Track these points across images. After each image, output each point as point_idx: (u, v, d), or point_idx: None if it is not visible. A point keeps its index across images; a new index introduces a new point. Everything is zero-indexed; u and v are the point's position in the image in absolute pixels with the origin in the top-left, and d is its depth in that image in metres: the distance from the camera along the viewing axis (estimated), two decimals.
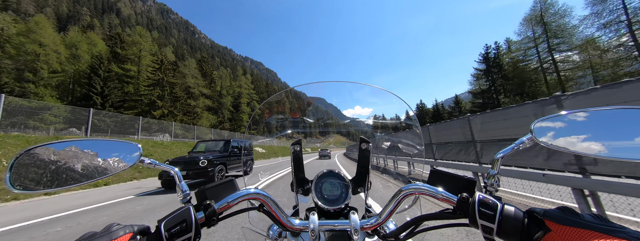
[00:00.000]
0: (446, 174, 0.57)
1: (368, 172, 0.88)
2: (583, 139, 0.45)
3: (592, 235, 0.33)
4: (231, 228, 3.66)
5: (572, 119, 0.48)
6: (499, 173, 0.52)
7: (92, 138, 0.53)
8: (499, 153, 0.52)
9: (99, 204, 6.01)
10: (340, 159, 19.93)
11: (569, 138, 0.47)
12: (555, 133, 0.49)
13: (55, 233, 3.81)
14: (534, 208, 0.42)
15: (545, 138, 0.49)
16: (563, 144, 0.47)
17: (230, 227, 3.67)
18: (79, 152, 0.51)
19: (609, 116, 0.43)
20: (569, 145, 0.46)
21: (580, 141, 0.45)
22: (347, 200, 0.76)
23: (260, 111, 1.16)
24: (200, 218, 0.50)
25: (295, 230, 0.62)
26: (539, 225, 0.40)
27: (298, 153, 0.91)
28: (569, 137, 0.47)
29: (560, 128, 0.49)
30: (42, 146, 0.48)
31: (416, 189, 0.55)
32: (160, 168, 0.58)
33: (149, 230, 0.45)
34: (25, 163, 0.46)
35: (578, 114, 0.47)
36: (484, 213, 0.43)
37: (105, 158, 0.54)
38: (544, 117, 0.51)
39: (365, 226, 0.60)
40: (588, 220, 0.36)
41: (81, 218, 4.69)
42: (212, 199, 0.55)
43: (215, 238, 3.33)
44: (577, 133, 0.46)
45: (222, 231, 3.51)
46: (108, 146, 0.56)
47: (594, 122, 0.45)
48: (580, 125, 0.46)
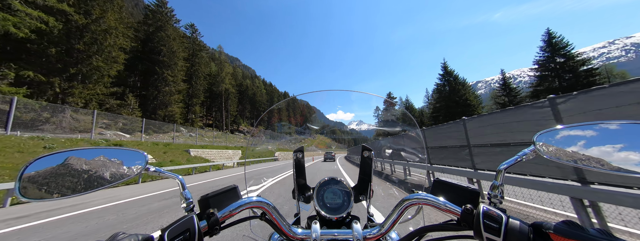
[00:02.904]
0: (449, 184, 0.58)
1: (370, 180, 0.87)
2: (586, 153, 0.45)
3: None
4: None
5: (575, 132, 0.48)
6: (503, 185, 0.52)
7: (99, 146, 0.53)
8: (502, 164, 0.52)
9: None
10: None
11: (572, 151, 0.47)
12: (558, 145, 0.49)
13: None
14: (540, 222, 0.42)
15: (548, 151, 0.49)
16: (566, 157, 0.47)
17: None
18: (86, 161, 0.51)
19: (613, 129, 0.43)
20: (571, 158, 0.47)
21: (583, 154, 0.45)
22: (349, 208, 0.76)
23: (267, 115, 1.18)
24: (203, 227, 0.50)
25: (297, 239, 0.62)
26: (544, 239, 0.40)
27: (300, 160, 0.91)
28: (572, 150, 0.47)
29: (564, 140, 0.49)
30: (50, 156, 0.48)
31: (419, 199, 0.55)
32: (164, 175, 0.59)
33: (152, 239, 0.45)
34: (35, 172, 0.46)
35: (582, 127, 0.47)
36: (489, 225, 0.43)
37: (111, 166, 0.55)
38: (547, 129, 0.52)
39: (367, 237, 0.60)
40: (593, 235, 0.36)
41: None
42: (215, 208, 0.55)
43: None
44: (581, 145, 0.46)
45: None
46: (114, 154, 0.56)
47: (598, 135, 0.45)
48: (583, 138, 0.46)
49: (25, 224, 4.47)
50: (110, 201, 6.41)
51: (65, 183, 0.47)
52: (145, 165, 0.57)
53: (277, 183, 9.03)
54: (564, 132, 0.49)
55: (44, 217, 4.88)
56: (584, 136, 0.47)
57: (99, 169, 0.52)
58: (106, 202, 6.30)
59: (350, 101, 1.18)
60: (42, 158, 0.47)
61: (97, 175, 0.52)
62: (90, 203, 6.21)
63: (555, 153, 0.49)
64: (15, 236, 3.83)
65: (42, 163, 0.47)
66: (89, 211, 5.40)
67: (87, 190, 0.50)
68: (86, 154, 0.52)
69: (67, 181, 0.48)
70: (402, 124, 1.21)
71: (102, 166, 0.53)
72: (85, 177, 0.50)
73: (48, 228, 4.18)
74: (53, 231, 4.00)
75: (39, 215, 5.10)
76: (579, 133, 0.47)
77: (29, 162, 0.46)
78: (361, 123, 22.19)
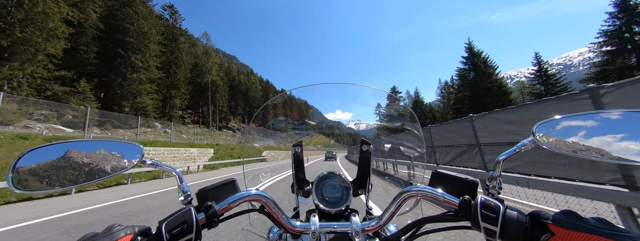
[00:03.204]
0: (448, 176, 0.57)
1: (369, 174, 0.87)
2: (586, 143, 0.44)
3: (596, 239, 0.33)
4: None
5: (575, 122, 0.47)
6: (501, 176, 0.52)
7: (94, 138, 0.53)
8: (501, 155, 0.52)
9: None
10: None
11: (572, 141, 0.46)
12: (558, 135, 0.48)
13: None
14: (538, 211, 0.42)
15: (548, 141, 0.49)
16: (566, 148, 0.47)
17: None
18: (81, 153, 0.51)
19: (614, 118, 0.43)
20: (571, 148, 0.46)
21: (583, 144, 0.45)
22: (347, 202, 0.76)
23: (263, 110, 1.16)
24: (201, 219, 0.50)
25: (296, 232, 0.62)
26: (542, 229, 0.40)
27: (299, 155, 0.91)
28: (572, 140, 0.46)
29: (563, 130, 0.48)
30: (45, 147, 0.48)
31: (417, 191, 0.55)
32: (161, 168, 0.59)
33: (149, 231, 0.45)
34: (28, 163, 0.46)
35: (582, 116, 0.47)
36: (487, 215, 0.43)
37: (106, 158, 0.54)
38: (547, 119, 0.51)
39: (366, 229, 0.60)
40: (592, 224, 0.36)
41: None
42: (213, 201, 0.55)
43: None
44: (581, 136, 0.45)
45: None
46: (110, 146, 0.56)
47: (598, 125, 0.44)
48: (584, 128, 0.46)
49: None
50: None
51: (60, 174, 0.47)
52: (142, 158, 0.56)
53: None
54: (563, 122, 0.49)
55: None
56: (584, 125, 0.46)
57: (93, 161, 0.52)
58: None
59: (349, 99, 1.13)
60: (35, 150, 0.47)
61: (92, 167, 0.51)
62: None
63: (555, 144, 0.48)
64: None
65: (34, 155, 0.46)
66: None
67: (83, 182, 0.49)
68: (81, 147, 0.52)
69: (62, 173, 0.47)
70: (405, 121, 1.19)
71: (96, 159, 0.53)
72: (81, 169, 0.50)
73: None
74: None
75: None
76: (579, 122, 0.47)
77: (21, 153, 0.45)
78: (360, 123, 20.69)
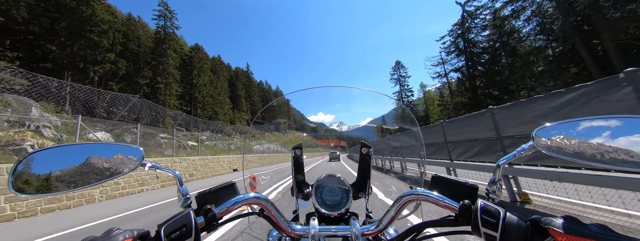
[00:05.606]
0: (448, 180, 0.57)
1: (369, 177, 0.87)
2: (587, 147, 0.44)
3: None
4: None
5: (576, 126, 0.47)
6: (501, 180, 0.52)
7: (95, 141, 0.53)
8: (500, 159, 0.51)
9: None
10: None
11: (572, 146, 0.46)
12: (558, 140, 0.48)
13: None
14: (538, 217, 0.42)
15: (548, 146, 0.49)
16: (565, 152, 0.47)
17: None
18: (81, 156, 0.51)
19: (615, 124, 0.42)
20: (572, 153, 0.46)
21: (583, 149, 0.45)
22: (347, 205, 0.76)
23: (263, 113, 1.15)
24: (200, 223, 0.50)
25: (295, 236, 0.62)
26: (542, 234, 0.40)
27: (298, 157, 0.91)
28: (572, 144, 0.46)
29: (565, 135, 0.48)
30: (45, 150, 0.48)
31: (417, 195, 0.55)
32: (161, 171, 0.58)
33: (148, 235, 0.45)
34: (29, 167, 0.46)
35: (583, 121, 0.46)
36: (487, 220, 0.43)
37: (107, 162, 0.54)
38: (547, 124, 0.51)
39: (366, 233, 0.60)
40: (593, 230, 0.35)
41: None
42: (212, 204, 0.55)
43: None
44: (581, 140, 0.45)
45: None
46: (110, 150, 0.56)
47: (599, 130, 0.44)
48: (584, 133, 0.45)
49: None
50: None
51: (61, 177, 0.47)
52: (142, 161, 0.57)
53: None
54: (564, 127, 0.49)
55: None
56: (585, 130, 0.46)
57: (94, 164, 0.52)
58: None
59: (347, 101, 1.10)
60: (35, 154, 0.47)
61: (92, 171, 0.52)
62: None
63: (555, 148, 0.48)
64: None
65: (38, 158, 0.47)
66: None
67: (82, 185, 0.50)
68: (81, 150, 0.52)
69: (62, 176, 0.48)
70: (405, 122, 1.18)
71: (96, 162, 0.53)
72: (81, 172, 0.50)
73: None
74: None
75: None
76: (580, 127, 0.46)
77: (23, 157, 0.46)
78: (342, 125, 20.03)
